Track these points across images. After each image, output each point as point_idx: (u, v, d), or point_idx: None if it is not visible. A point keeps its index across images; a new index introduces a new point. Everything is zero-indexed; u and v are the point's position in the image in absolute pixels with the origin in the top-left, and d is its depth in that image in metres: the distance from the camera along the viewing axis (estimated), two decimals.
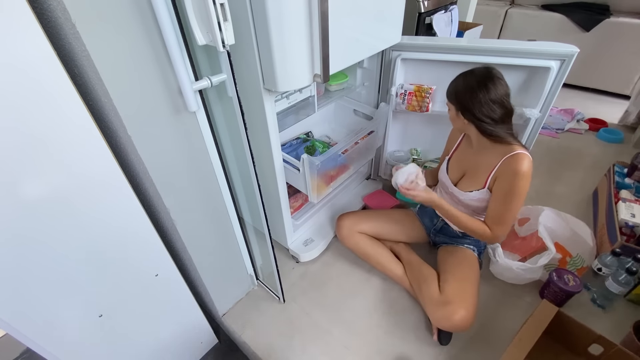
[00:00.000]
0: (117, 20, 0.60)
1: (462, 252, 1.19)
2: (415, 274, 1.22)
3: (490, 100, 0.93)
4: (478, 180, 1.07)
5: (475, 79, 0.95)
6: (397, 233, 1.35)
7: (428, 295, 1.11)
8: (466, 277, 1.11)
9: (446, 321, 1.04)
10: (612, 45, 2.52)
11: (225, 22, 0.60)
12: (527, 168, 0.96)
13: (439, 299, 1.08)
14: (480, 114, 0.95)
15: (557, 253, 1.24)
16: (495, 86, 0.93)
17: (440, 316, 1.05)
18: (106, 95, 0.64)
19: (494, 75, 0.94)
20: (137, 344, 0.95)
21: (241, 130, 0.80)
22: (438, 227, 1.28)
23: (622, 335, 1.04)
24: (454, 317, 1.02)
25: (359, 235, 1.33)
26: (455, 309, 1.02)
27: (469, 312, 1.03)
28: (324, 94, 1.38)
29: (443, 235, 1.28)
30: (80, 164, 0.63)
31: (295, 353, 1.13)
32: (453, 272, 1.13)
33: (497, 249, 1.26)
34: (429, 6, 1.70)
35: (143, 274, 0.85)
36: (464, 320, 1.02)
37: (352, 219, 1.35)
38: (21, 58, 0.51)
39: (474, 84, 0.94)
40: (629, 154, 1.81)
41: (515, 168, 0.96)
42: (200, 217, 0.96)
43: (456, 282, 1.10)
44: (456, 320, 1.02)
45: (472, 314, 1.03)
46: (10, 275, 0.61)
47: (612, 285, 1.16)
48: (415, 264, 1.25)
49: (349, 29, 0.94)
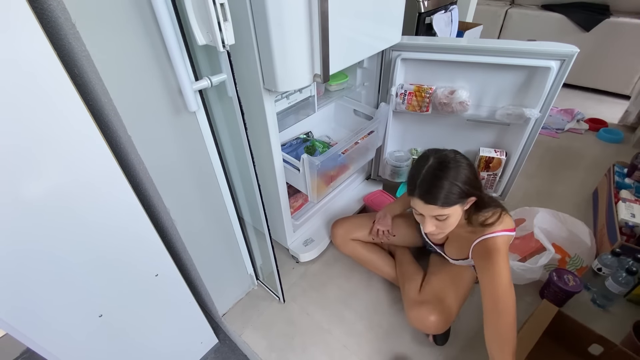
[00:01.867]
0: (117, 20, 0.60)
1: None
2: (403, 272, 1.22)
3: (472, 165, 0.89)
4: (463, 251, 1.01)
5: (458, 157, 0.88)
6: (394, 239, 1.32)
7: (407, 293, 1.11)
8: (450, 281, 1.08)
9: (418, 322, 1.02)
10: (612, 45, 2.52)
11: (225, 22, 0.60)
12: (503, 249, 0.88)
13: (416, 299, 1.06)
14: (479, 184, 0.89)
15: (556, 253, 1.24)
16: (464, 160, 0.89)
17: (413, 316, 1.03)
18: (106, 95, 0.64)
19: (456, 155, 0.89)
20: (137, 344, 0.95)
21: (241, 130, 0.80)
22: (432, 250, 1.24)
23: (622, 335, 1.04)
24: (428, 318, 0.99)
25: (353, 243, 1.30)
26: (429, 310, 1.00)
27: (443, 315, 1.00)
28: (324, 94, 1.38)
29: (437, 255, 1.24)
30: (80, 164, 0.63)
31: (295, 353, 1.13)
32: (437, 275, 1.12)
33: None
34: (429, 6, 1.70)
35: (143, 274, 0.85)
36: (436, 322, 0.99)
37: (345, 228, 1.31)
38: (21, 58, 0.51)
39: (456, 164, 0.86)
40: (629, 154, 1.81)
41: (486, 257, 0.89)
42: (200, 217, 0.95)
43: (438, 284, 1.08)
44: (429, 322, 0.99)
45: (446, 318, 1.00)
46: (10, 275, 0.61)
47: (612, 285, 1.16)
48: (405, 263, 1.25)
49: (349, 29, 0.94)
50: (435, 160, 0.87)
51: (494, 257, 0.87)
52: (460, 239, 1.01)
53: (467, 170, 0.86)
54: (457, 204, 0.86)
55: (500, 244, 0.88)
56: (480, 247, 0.92)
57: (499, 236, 0.89)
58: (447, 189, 0.83)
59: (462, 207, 0.89)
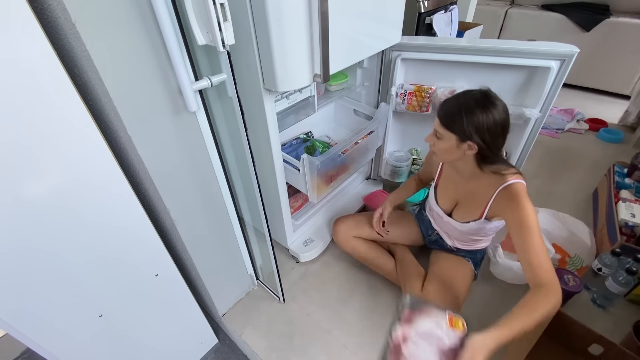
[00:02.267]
0: (117, 20, 0.60)
1: (455, 258, 1.16)
2: (404, 271, 1.22)
3: (500, 122, 0.84)
4: (474, 211, 1.00)
5: (482, 99, 0.84)
6: (394, 236, 1.33)
7: (409, 292, 1.10)
8: (451, 281, 1.08)
9: None
10: (612, 45, 2.52)
11: (225, 22, 0.60)
12: (524, 194, 0.88)
13: None
14: (492, 138, 0.85)
15: (556, 253, 1.24)
16: (499, 109, 0.84)
17: None
18: (106, 95, 0.64)
19: (496, 98, 0.85)
20: (137, 343, 0.95)
21: (241, 130, 0.80)
22: (432, 239, 1.25)
23: (622, 335, 1.04)
24: None
25: (355, 240, 1.31)
26: None
27: None
28: (324, 94, 1.38)
29: (438, 246, 1.25)
30: (80, 164, 0.63)
31: (295, 353, 1.13)
32: (438, 274, 1.11)
33: (497, 249, 1.26)
34: (429, 6, 1.70)
35: (143, 274, 0.85)
36: None
37: (347, 225, 1.32)
38: (21, 58, 0.51)
39: (483, 105, 0.83)
40: (629, 154, 1.81)
41: (513, 199, 0.88)
42: (200, 217, 0.96)
43: (439, 284, 1.07)
44: None
45: None
46: (10, 275, 0.61)
47: (612, 285, 1.16)
48: (406, 262, 1.25)
49: (348, 29, 0.94)
50: (476, 92, 0.86)
51: (520, 202, 0.86)
52: (472, 195, 0.99)
53: (485, 119, 0.82)
54: (454, 134, 0.86)
55: (520, 189, 0.88)
56: (502, 197, 0.91)
57: (517, 182, 0.89)
58: (455, 112, 0.85)
59: (458, 144, 0.88)
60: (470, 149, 0.87)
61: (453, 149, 0.89)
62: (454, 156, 0.92)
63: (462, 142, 0.87)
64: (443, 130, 0.88)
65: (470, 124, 0.83)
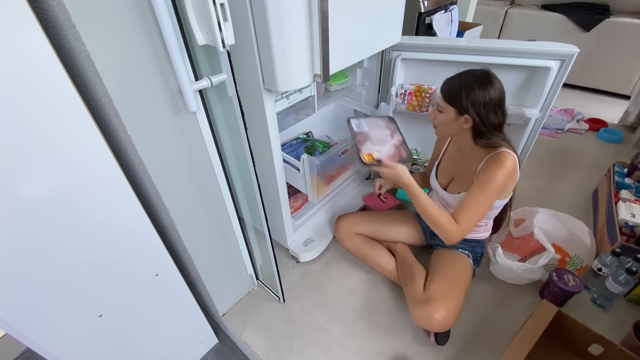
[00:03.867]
0: (117, 20, 0.60)
1: (455, 256, 1.17)
2: (405, 271, 1.22)
3: (495, 100, 0.92)
4: (466, 182, 1.06)
5: (481, 78, 0.92)
6: (395, 234, 1.34)
7: (412, 292, 1.11)
8: (453, 278, 1.09)
9: (424, 319, 1.02)
10: (612, 45, 2.52)
11: (225, 22, 0.60)
12: (509, 163, 0.93)
13: (421, 297, 1.06)
14: (486, 114, 0.93)
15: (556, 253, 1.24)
16: (496, 88, 0.92)
17: (420, 314, 1.03)
18: (106, 95, 0.64)
19: (495, 77, 0.94)
20: (137, 343, 0.95)
21: (241, 130, 0.80)
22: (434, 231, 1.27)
23: (622, 335, 1.04)
24: (434, 315, 1.00)
25: (356, 237, 1.33)
26: (435, 307, 1.00)
27: (450, 312, 1.00)
28: (324, 94, 1.38)
29: (438, 238, 1.26)
30: (80, 164, 0.63)
31: (295, 353, 1.13)
32: (441, 272, 1.12)
33: (497, 249, 1.26)
34: (429, 6, 1.70)
35: (143, 274, 0.85)
36: (443, 320, 1.00)
37: (350, 221, 1.34)
38: (21, 58, 0.51)
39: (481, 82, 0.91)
40: (629, 154, 1.81)
41: (495, 160, 0.94)
42: (200, 217, 0.96)
43: (442, 282, 1.08)
44: (435, 320, 1.00)
45: (452, 314, 1.01)
46: (10, 275, 0.61)
47: (612, 285, 1.16)
48: (407, 262, 1.25)
49: (349, 29, 0.94)
50: (478, 71, 0.94)
51: (498, 166, 0.93)
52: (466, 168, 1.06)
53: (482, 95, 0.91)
54: (453, 108, 0.96)
55: (505, 158, 0.94)
56: (489, 160, 0.97)
57: (506, 152, 0.95)
58: (455, 88, 0.94)
59: (456, 117, 0.96)
60: (467, 123, 0.96)
61: (451, 122, 0.98)
62: (452, 129, 1.01)
63: (459, 115, 0.96)
64: (443, 104, 0.98)
65: (468, 99, 0.92)
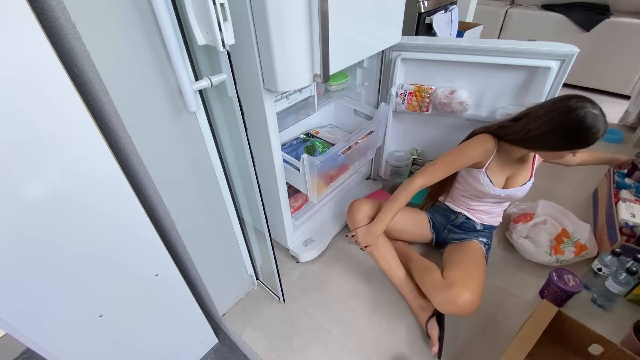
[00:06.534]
0: (117, 20, 0.60)
1: (468, 245, 1.20)
2: (417, 266, 1.22)
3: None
4: (524, 175, 1.17)
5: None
6: (404, 228, 1.33)
7: (431, 282, 1.10)
8: (471, 265, 1.12)
9: (450, 305, 1.01)
10: (612, 45, 2.52)
11: (225, 22, 0.60)
12: None
13: (442, 283, 1.07)
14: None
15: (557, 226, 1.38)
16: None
17: (444, 299, 1.03)
18: (106, 95, 0.64)
19: None
20: (137, 343, 0.95)
21: (241, 130, 0.80)
22: (457, 223, 1.29)
23: (622, 335, 1.04)
24: (458, 299, 0.99)
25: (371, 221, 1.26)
26: (459, 291, 1.00)
27: (474, 295, 1.00)
28: (324, 94, 1.38)
29: (461, 231, 1.28)
30: (80, 164, 0.63)
31: (295, 353, 1.13)
32: (457, 262, 1.14)
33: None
34: (429, 6, 1.70)
35: (143, 274, 0.85)
36: (468, 303, 0.99)
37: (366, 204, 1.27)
38: (21, 58, 0.51)
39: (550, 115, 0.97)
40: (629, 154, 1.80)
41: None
42: (200, 217, 0.96)
43: (460, 269, 1.10)
44: (461, 303, 0.99)
45: (476, 296, 1.01)
46: (10, 275, 0.61)
47: (612, 285, 1.16)
48: (415, 258, 1.26)
49: (349, 29, 0.94)
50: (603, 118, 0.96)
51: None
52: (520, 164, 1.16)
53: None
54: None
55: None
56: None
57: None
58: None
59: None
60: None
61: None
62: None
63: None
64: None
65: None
